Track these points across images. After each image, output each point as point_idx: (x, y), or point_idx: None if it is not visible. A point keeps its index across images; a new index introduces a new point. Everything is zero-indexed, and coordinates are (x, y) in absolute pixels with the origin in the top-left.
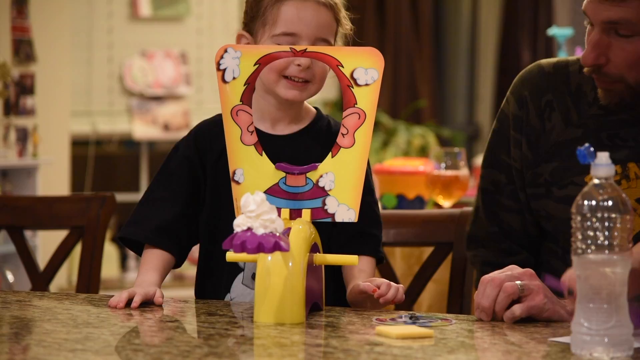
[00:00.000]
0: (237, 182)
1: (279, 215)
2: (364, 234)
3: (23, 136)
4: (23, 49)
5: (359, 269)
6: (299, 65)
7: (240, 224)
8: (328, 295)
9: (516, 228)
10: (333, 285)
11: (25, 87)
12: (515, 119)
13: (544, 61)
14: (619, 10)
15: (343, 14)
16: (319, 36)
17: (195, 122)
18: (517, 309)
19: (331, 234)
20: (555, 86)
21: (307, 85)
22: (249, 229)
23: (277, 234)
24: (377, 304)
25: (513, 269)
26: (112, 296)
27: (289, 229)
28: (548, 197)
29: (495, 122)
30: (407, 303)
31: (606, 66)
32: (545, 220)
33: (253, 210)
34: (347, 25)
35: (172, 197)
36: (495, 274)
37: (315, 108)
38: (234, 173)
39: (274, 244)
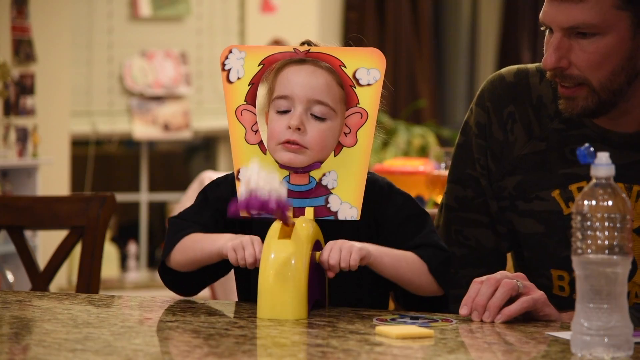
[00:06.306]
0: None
1: None
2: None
3: (23, 136)
4: (23, 49)
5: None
6: (289, 127)
7: (244, 188)
8: (332, 293)
9: (485, 244)
10: (338, 284)
11: (25, 87)
12: (479, 127)
13: (504, 70)
14: (578, 12)
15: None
16: (313, 98)
17: (195, 122)
18: (524, 300)
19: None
20: (516, 97)
21: (301, 149)
22: (253, 191)
23: (280, 196)
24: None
25: (506, 273)
26: (112, 296)
27: (293, 223)
28: (512, 210)
29: (459, 135)
30: None
31: (569, 69)
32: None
33: (255, 171)
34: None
35: (202, 227)
36: (490, 275)
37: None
38: (238, 172)
39: (276, 203)
